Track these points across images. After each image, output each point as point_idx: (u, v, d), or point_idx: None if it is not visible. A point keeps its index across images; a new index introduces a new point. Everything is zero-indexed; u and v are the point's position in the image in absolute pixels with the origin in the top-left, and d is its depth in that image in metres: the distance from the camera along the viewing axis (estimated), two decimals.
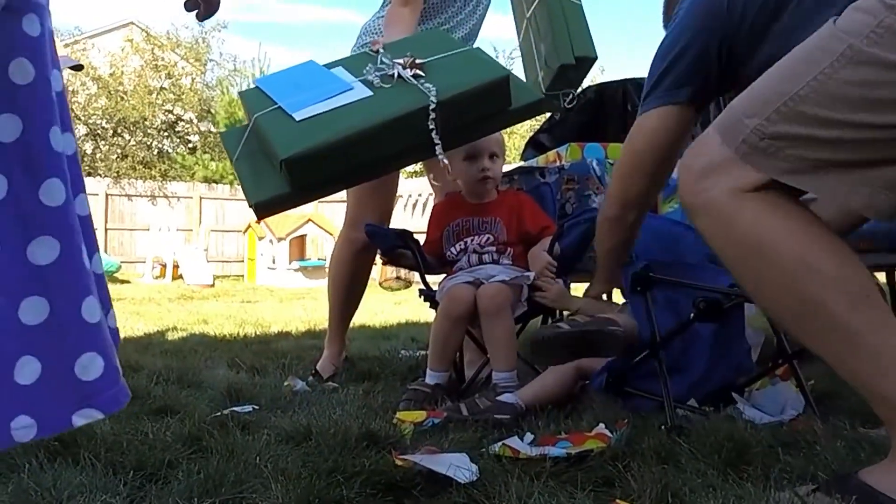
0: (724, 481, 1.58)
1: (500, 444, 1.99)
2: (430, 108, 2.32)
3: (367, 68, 2.51)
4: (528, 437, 2.22)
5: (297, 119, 2.32)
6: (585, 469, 1.76)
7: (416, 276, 3.22)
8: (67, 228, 1.17)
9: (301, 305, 9.06)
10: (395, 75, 2.45)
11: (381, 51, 2.56)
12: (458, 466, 1.73)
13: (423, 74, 2.43)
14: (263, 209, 2.35)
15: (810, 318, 1.40)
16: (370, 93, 2.41)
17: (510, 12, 4.04)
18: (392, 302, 8.89)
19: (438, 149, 2.34)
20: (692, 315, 2.26)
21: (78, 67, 5.41)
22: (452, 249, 3.02)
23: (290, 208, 2.49)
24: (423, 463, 1.75)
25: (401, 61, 2.47)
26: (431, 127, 2.32)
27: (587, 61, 3.41)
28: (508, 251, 2.96)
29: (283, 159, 2.22)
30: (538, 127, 4.57)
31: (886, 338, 1.36)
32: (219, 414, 2.43)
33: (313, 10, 58.71)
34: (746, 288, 1.53)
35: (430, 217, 3.23)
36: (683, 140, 2.30)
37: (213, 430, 2.14)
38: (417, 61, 2.47)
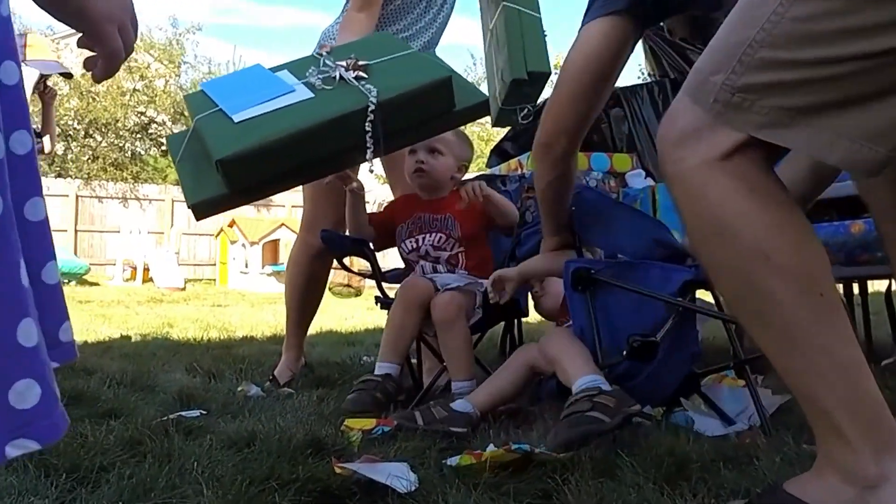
0: (661, 496, 1.57)
1: (460, 455, 1.96)
2: (369, 109, 2.32)
3: (310, 70, 2.51)
4: (491, 447, 2.21)
5: (236, 120, 2.31)
6: (524, 481, 1.74)
7: (366, 283, 3.21)
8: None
9: (272, 310, 9.00)
10: (338, 77, 2.44)
11: (325, 54, 2.56)
12: (396, 476, 1.71)
13: (365, 76, 2.42)
14: (201, 210, 2.34)
15: (757, 308, 1.38)
16: (311, 94, 2.41)
17: None
18: (364, 307, 8.86)
19: (370, 153, 2.34)
20: (624, 352, 2.20)
21: (67, 75, 5.35)
22: (404, 246, 3.00)
23: (229, 209, 2.49)
24: (362, 471, 1.73)
25: (343, 63, 2.46)
26: (368, 129, 2.32)
27: (541, 76, 3.40)
28: (462, 261, 2.95)
29: (218, 160, 2.21)
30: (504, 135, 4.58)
31: (831, 342, 1.33)
32: (164, 418, 2.39)
33: (290, 14, 58.62)
34: (708, 271, 1.50)
35: (386, 207, 3.22)
36: (622, 57, 2.25)
37: (155, 434, 2.11)
38: (361, 63, 2.46)
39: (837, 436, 1.32)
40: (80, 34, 1.15)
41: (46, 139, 4.90)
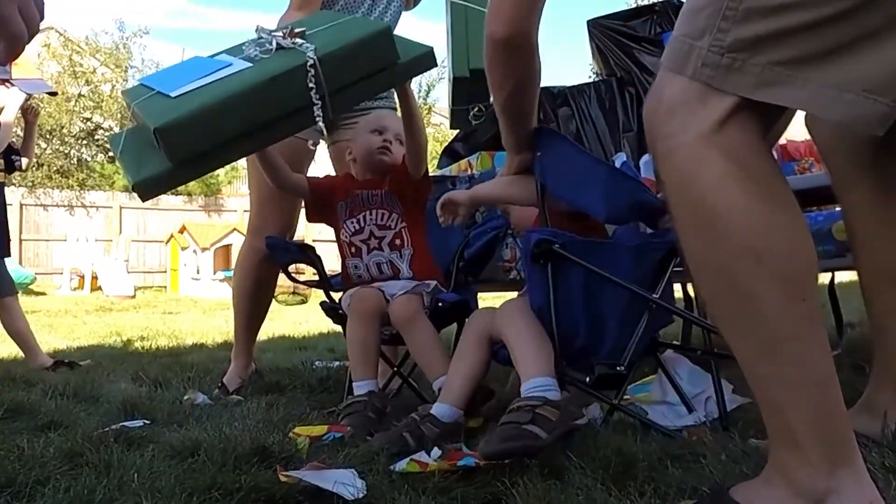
0: (608, 497, 1.56)
1: (406, 461, 1.94)
2: (308, 64, 2.29)
3: (246, 45, 2.49)
4: (436, 452, 2.19)
5: (173, 96, 2.29)
6: (474, 485, 1.72)
7: (313, 291, 3.17)
8: None
9: (224, 316, 8.91)
10: (275, 46, 2.43)
11: (260, 27, 2.54)
12: (343, 483, 1.68)
13: (303, 40, 2.41)
14: (145, 189, 2.28)
15: (737, 310, 1.32)
16: (250, 65, 2.39)
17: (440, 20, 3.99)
18: (317, 311, 8.79)
19: (317, 111, 2.30)
20: (588, 379, 2.16)
21: (53, 94, 5.21)
22: (347, 227, 2.92)
23: (175, 186, 2.45)
24: (308, 479, 1.70)
25: (279, 33, 2.44)
26: (311, 86, 2.29)
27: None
28: (406, 239, 2.90)
29: (156, 128, 2.17)
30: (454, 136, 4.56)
31: (807, 354, 1.29)
32: (106, 429, 2.34)
33: (241, 16, 58.21)
34: (688, 261, 1.40)
35: (324, 177, 3.13)
36: None
37: (95, 446, 2.06)
38: (297, 31, 2.45)
39: (794, 448, 1.30)
40: None
41: (24, 160, 4.81)
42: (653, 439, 1.99)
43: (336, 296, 2.99)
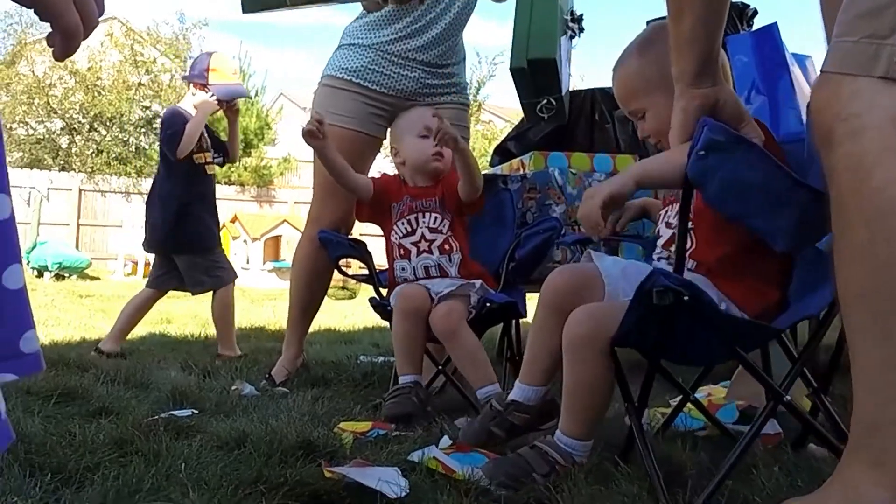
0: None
1: (428, 455, 1.93)
2: None
3: None
4: (445, 441, 2.18)
5: None
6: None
7: (362, 286, 3.16)
8: None
9: (271, 307, 8.97)
10: None
11: None
12: (387, 481, 1.67)
13: None
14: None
15: (888, 312, 1.23)
16: None
17: (489, 17, 3.96)
18: (363, 304, 8.81)
19: None
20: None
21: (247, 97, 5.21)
22: (398, 228, 2.93)
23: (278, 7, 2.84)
24: (352, 476, 1.70)
25: None
26: None
27: (545, 64, 3.28)
28: (454, 247, 2.90)
29: None
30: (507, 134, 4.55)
31: None
32: (155, 417, 2.37)
33: (297, 10, 58.51)
34: (844, 251, 1.30)
35: (380, 178, 3.09)
36: None
37: (145, 434, 2.08)
38: None
39: (877, 467, 1.24)
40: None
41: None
42: (701, 448, 1.95)
43: (385, 291, 2.99)
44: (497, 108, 26.71)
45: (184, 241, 4.39)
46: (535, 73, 3.30)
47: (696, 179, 1.55)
